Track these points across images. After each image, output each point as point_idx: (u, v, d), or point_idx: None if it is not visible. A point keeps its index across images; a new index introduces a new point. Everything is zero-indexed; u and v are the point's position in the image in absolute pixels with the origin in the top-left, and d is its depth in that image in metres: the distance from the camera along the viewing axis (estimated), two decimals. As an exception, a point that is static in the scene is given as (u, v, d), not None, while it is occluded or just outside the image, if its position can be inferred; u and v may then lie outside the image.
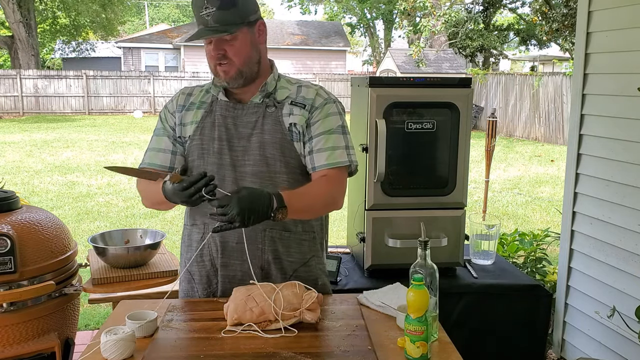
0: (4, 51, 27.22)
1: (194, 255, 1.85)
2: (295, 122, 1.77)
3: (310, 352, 1.46)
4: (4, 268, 1.97)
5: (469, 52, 22.60)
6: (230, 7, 1.66)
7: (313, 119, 1.78)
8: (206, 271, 1.86)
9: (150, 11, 43.33)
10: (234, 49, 1.71)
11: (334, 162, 1.76)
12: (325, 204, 1.79)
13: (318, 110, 1.79)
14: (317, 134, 1.77)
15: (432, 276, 1.55)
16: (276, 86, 1.82)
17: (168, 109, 1.89)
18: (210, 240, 1.82)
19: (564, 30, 15.03)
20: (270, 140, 1.76)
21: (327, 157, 1.76)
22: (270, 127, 1.76)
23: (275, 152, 1.76)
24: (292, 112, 1.78)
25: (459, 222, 2.62)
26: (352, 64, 37.40)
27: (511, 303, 2.66)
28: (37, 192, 7.95)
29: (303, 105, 1.78)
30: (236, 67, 1.72)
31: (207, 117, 1.81)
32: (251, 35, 1.73)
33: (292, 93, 1.81)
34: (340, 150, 1.77)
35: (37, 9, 23.25)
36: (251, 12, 1.72)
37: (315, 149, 1.77)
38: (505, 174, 9.87)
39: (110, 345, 1.42)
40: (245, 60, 1.73)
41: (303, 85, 1.84)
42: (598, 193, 2.81)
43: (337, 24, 29.82)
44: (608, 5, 2.72)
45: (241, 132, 1.78)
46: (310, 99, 1.80)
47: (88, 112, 20.62)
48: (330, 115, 1.79)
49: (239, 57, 1.72)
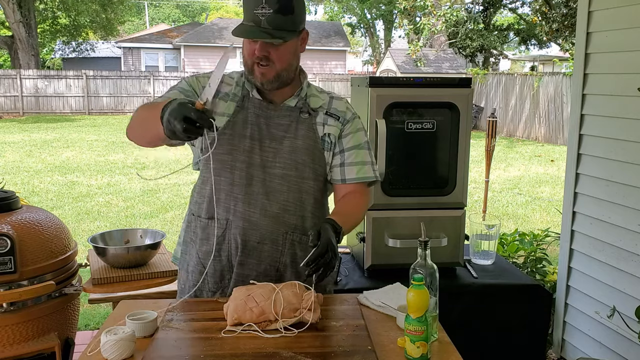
0: (4, 51, 27.23)
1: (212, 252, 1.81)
2: (330, 132, 1.80)
3: (310, 352, 1.46)
4: (4, 268, 1.97)
5: (469, 52, 22.60)
6: (288, 14, 1.64)
7: (345, 131, 1.82)
8: (221, 266, 1.83)
9: (150, 11, 43.34)
10: (279, 53, 1.68)
11: (363, 177, 1.82)
12: (361, 217, 1.86)
13: (349, 123, 1.83)
14: (349, 147, 1.82)
15: (432, 276, 1.55)
16: (307, 93, 1.84)
17: (199, 80, 1.81)
18: (230, 237, 1.80)
19: (564, 30, 15.03)
20: (302, 145, 1.77)
21: (358, 171, 1.81)
22: (304, 132, 1.78)
23: (306, 158, 1.77)
24: (326, 122, 1.81)
25: (459, 222, 2.62)
26: (352, 64, 37.40)
27: (511, 303, 2.66)
28: (37, 192, 7.95)
29: (337, 117, 1.82)
30: (276, 71, 1.70)
31: (239, 113, 1.78)
32: (297, 43, 1.73)
33: (325, 103, 1.84)
34: (368, 166, 1.83)
35: (37, 9, 23.24)
36: (303, 21, 1.72)
37: (347, 162, 1.81)
38: (505, 174, 9.87)
39: (110, 345, 1.42)
40: (287, 66, 1.72)
41: (334, 98, 1.87)
42: (598, 193, 2.81)
43: (337, 24, 29.82)
44: (608, 5, 2.72)
45: (273, 134, 1.77)
46: (342, 111, 1.84)
47: (88, 112, 20.63)
48: (359, 130, 1.85)
49: (281, 62, 1.70)
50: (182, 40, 26.10)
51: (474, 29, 21.63)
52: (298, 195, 1.78)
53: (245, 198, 1.76)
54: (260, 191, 1.76)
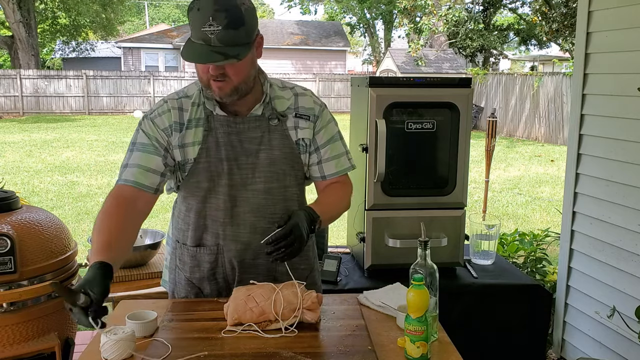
0: (4, 51, 27.22)
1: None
2: (304, 136, 1.76)
3: (310, 352, 1.46)
4: (4, 268, 1.97)
5: (469, 52, 22.60)
6: (239, 27, 1.51)
7: (316, 128, 1.79)
8: (218, 288, 1.83)
9: (150, 11, 43.34)
10: (235, 69, 1.57)
11: (341, 170, 1.82)
12: (343, 207, 1.86)
13: (319, 119, 1.79)
14: (323, 143, 1.80)
15: (432, 276, 1.55)
16: (271, 95, 1.75)
17: (157, 124, 1.71)
18: (224, 260, 1.77)
19: (564, 30, 15.04)
20: (280, 155, 1.73)
21: (336, 165, 1.81)
22: (278, 142, 1.72)
23: (286, 167, 1.74)
24: (298, 126, 1.75)
25: (459, 222, 2.62)
26: (352, 64, 37.42)
27: (511, 303, 2.66)
28: (37, 192, 7.95)
29: (307, 117, 1.77)
30: (233, 84, 1.60)
31: (208, 136, 1.69)
32: (252, 53, 1.60)
33: (291, 103, 1.76)
34: (344, 157, 1.83)
35: (37, 9, 23.24)
36: (254, 30, 1.59)
37: (323, 158, 1.80)
38: (505, 174, 9.87)
39: (110, 345, 1.42)
40: (245, 79, 1.62)
41: (299, 94, 1.79)
42: (598, 193, 2.81)
43: (337, 24, 29.82)
44: (608, 5, 2.72)
45: (247, 149, 1.71)
46: (310, 108, 1.78)
47: (88, 112, 20.62)
48: (329, 122, 1.82)
49: (238, 76, 1.59)
50: (182, 40, 26.08)
51: (474, 29, 21.62)
52: (283, 205, 1.76)
53: (233, 220, 1.73)
54: (246, 210, 1.73)
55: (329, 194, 1.82)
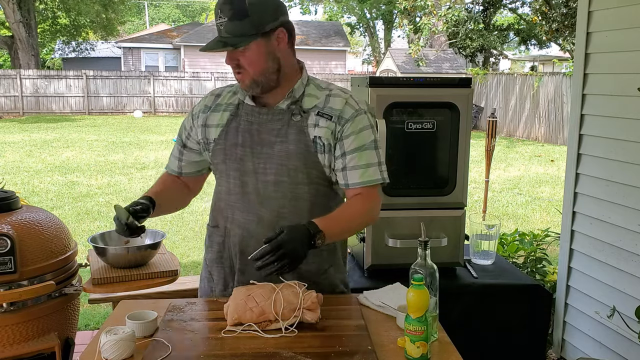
0: (4, 51, 27.23)
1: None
2: (320, 135, 1.71)
3: (310, 352, 1.46)
4: (4, 268, 1.97)
5: (469, 52, 22.59)
6: (243, 18, 1.59)
7: (345, 132, 1.72)
8: (224, 273, 1.86)
9: (150, 11, 43.34)
10: (247, 59, 1.65)
11: (368, 181, 1.73)
12: (362, 221, 1.79)
13: (349, 122, 1.72)
14: (351, 150, 1.72)
15: (432, 276, 1.55)
16: (304, 92, 1.76)
17: (192, 113, 1.88)
18: (230, 245, 1.82)
19: (564, 30, 15.03)
20: (294, 150, 1.71)
21: (361, 175, 1.72)
22: (295, 136, 1.71)
23: (298, 163, 1.72)
24: (317, 124, 1.72)
25: (459, 222, 2.62)
26: (352, 64, 37.41)
27: (511, 303, 2.66)
28: (37, 192, 7.95)
29: (329, 117, 1.72)
30: (250, 76, 1.67)
31: (232, 121, 1.78)
32: (267, 45, 1.65)
33: (320, 102, 1.74)
34: (373, 168, 1.73)
35: (37, 9, 23.25)
36: (267, 22, 1.63)
37: (349, 166, 1.72)
38: (505, 174, 9.87)
39: (110, 345, 1.42)
40: (260, 70, 1.66)
41: (332, 95, 1.76)
42: (598, 193, 2.81)
43: (337, 24, 29.83)
44: (608, 5, 2.72)
45: (264, 139, 1.74)
46: (337, 109, 1.72)
47: (88, 112, 20.62)
48: (364, 129, 1.73)
49: (252, 67, 1.66)
50: (182, 40, 26.10)
51: (474, 29, 21.62)
52: (293, 202, 1.74)
53: (241, 206, 1.77)
54: (254, 199, 1.75)
55: (347, 206, 1.76)
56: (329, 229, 1.62)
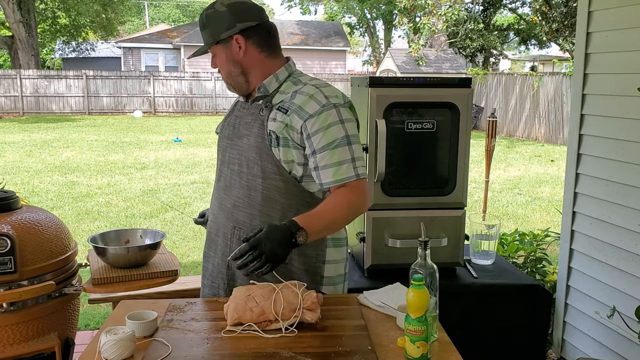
0: (4, 51, 27.22)
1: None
2: (274, 129, 1.74)
3: (310, 352, 1.46)
4: (4, 268, 1.97)
5: (469, 52, 22.60)
6: (204, 29, 1.83)
7: (311, 129, 1.70)
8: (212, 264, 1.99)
9: (150, 11, 43.33)
10: (218, 64, 1.86)
11: (340, 179, 1.70)
12: (349, 215, 1.75)
13: (313, 118, 1.70)
14: (320, 147, 1.70)
15: (432, 276, 1.55)
16: (279, 88, 1.81)
17: None
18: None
19: (564, 30, 15.03)
20: (253, 143, 1.79)
21: (334, 173, 1.70)
22: (257, 130, 1.79)
23: (255, 155, 1.78)
24: (275, 118, 1.76)
25: (459, 222, 2.62)
26: (352, 64, 37.41)
27: (511, 303, 2.66)
28: (37, 192, 7.95)
29: (285, 111, 1.74)
30: (224, 78, 1.88)
31: (229, 116, 1.96)
32: (227, 51, 1.81)
33: (287, 97, 1.78)
34: (346, 165, 1.70)
35: (37, 9, 23.24)
36: (222, 31, 1.78)
37: (320, 165, 1.71)
38: (505, 174, 9.87)
39: (110, 345, 1.42)
40: (226, 74, 1.85)
41: (299, 91, 1.77)
42: (598, 193, 2.81)
43: (337, 24, 29.83)
44: (608, 5, 2.72)
45: (240, 132, 1.85)
46: (297, 105, 1.73)
47: (88, 112, 20.62)
48: (332, 125, 1.70)
49: (222, 70, 1.86)
50: (182, 40, 26.10)
51: (474, 29, 21.62)
52: (247, 192, 1.82)
53: (215, 193, 1.95)
54: (222, 186, 1.90)
55: (329, 201, 1.74)
56: (311, 225, 1.62)
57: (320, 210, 1.70)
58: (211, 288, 1.95)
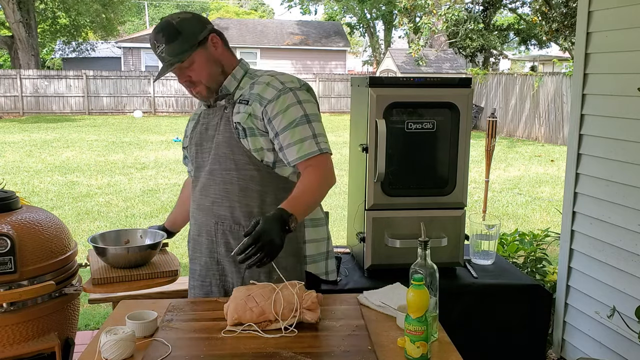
0: (4, 51, 27.22)
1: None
2: (239, 120, 1.83)
3: (310, 352, 1.46)
4: (4, 268, 1.97)
5: (469, 52, 22.60)
6: (177, 38, 1.78)
7: (270, 113, 1.80)
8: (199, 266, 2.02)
9: (150, 11, 43.32)
10: (195, 72, 1.82)
11: (305, 155, 1.79)
12: (322, 190, 1.82)
13: (272, 103, 1.81)
14: (282, 129, 1.80)
15: (432, 276, 1.55)
16: (238, 85, 1.90)
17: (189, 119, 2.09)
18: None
19: (564, 30, 15.02)
20: (222, 139, 1.85)
21: (297, 150, 1.79)
22: (224, 127, 1.86)
23: (226, 150, 1.85)
24: (238, 111, 1.85)
25: (459, 222, 2.62)
26: (352, 64, 37.42)
27: (511, 303, 2.66)
28: (37, 192, 7.95)
29: (247, 101, 1.84)
30: (204, 85, 1.85)
31: (195, 127, 1.98)
32: (206, 52, 1.83)
33: (245, 91, 1.87)
34: (309, 141, 1.79)
35: (37, 9, 23.24)
36: (198, 33, 1.80)
37: (284, 144, 1.80)
38: (505, 174, 9.87)
39: (110, 345, 1.42)
40: (209, 77, 1.84)
41: (256, 82, 1.87)
42: (598, 193, 2.81)
43: (337, 24, 29.82)
44: (608, 5, 2.72)
45: (208, 135, 1.91)
46: (255, 94, 1.84)
47: (88, 112, 20.62)
48: (290, 107, 1.80)
49: (202, 77, 1.83)
50: (182, 40, 26.04)
51: (474, 29, 21.62)
52: (223, 187, 1.87)
53: (193, 198, 1.98)
54: (198, 189, 1.93)
55: (302, 182, 1.80)
56: (296, 209, 1.68)
57: (297, 193, 1.76)
58: (202, 288, 1.99)
